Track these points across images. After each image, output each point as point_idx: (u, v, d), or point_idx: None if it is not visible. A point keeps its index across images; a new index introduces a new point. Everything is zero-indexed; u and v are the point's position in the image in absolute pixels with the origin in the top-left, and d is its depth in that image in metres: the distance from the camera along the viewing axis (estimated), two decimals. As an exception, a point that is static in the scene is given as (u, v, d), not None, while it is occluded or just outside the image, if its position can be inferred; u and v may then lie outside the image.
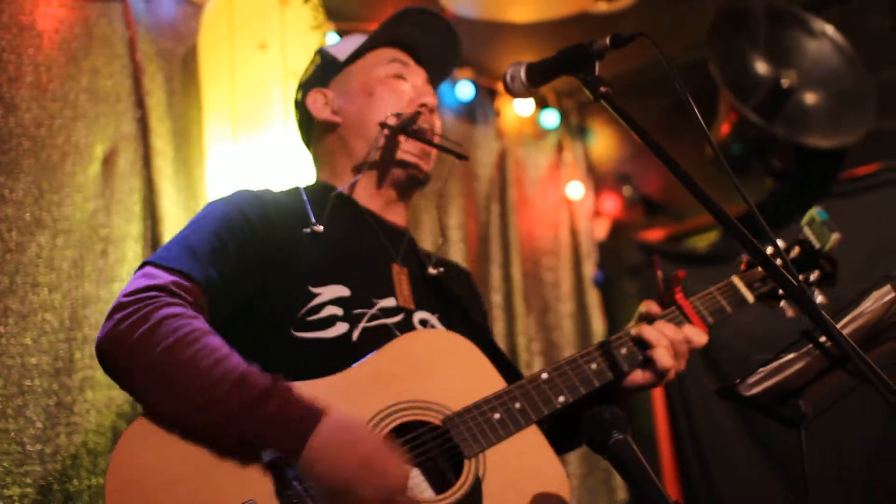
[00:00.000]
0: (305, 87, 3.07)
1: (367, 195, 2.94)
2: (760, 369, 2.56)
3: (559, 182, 6.16)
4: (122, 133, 3.87)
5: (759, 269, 3.03)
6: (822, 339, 2.43)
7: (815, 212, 3.04)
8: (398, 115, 2.87)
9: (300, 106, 3.08)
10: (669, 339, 2.72)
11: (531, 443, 2.55)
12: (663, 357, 2.69)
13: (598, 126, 6.32)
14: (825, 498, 2.97)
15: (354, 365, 2.49)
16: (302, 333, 2.59)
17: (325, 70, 3.05)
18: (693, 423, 5.46)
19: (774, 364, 2.54)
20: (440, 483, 2.42)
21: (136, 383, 2.36)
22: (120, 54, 3.93)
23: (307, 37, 3.84)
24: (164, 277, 2.47)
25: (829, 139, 4.91)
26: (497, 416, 2.51)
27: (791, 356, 2.54)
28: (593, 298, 5.98)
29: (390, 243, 2.90)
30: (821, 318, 1.94)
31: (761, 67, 5.03)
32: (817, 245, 3.01)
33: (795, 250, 3.03)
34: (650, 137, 2.20)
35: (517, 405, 2.54)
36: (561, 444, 2.91)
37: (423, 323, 2.79)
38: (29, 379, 3.40)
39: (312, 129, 3.07)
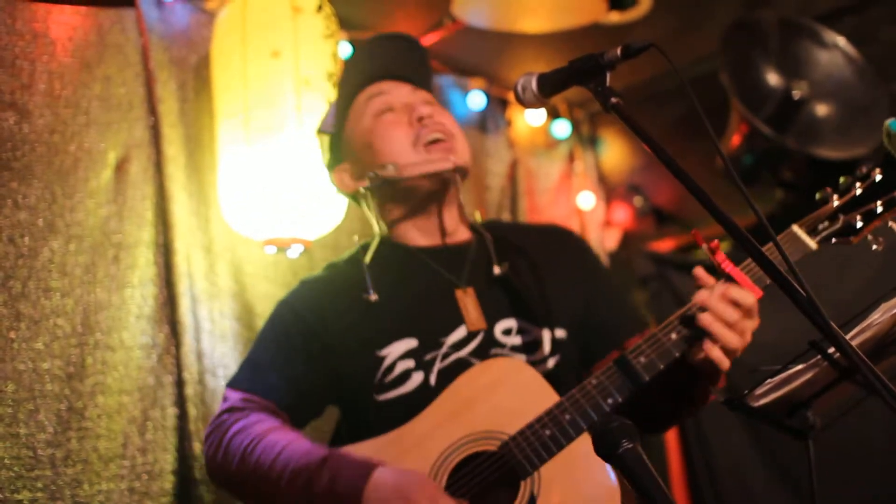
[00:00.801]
0: (329, 168, 3.13)
1: (415, 233, 2.99)
2: (768, 380, 2.55)
3: (570, 192, 6.16)
4: (134, 140, 3.88)
5: (826, 208, 2.83)
6: (831, 350, 2.43)
7: (887, 125, 2.90)
8: (370, 176, 2.92)
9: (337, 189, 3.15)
10: (711, 306, 2.51)
11: (582, 453, 2.56)
12: (710, 323, 2.51)
13: (610, 136, 6.32)
14: (833, 509, 2.97)
15: (413, 419, 2.65)
16: (384, 396, 2.74)
17: (332, 147, 3.09)
18: (702, 434, 5.45)
19: (783, 375, 2.54)
20: None
21: (239, 496, 2.79)
22: (133, 62, 3.94)
23: (320, 45, 3.85)
24: (233, 398, 2.84)
25: (840, 151, 4.90)
26: (548, 432, 2.54)
27: (799, 367, 2.54)
28: (603, 308, 5.97)
29: (450, 268, 2.92)
30: (830, 329, 1.94)
31: (773, 79, 5.03)
32: None
33: (878, 171, 2.76)
34: (661, 148, 2.20)
35: (567, 417, 2.55)
36: (663, 415, 2.88)
37: (507, 332, 2.82)
38: (41, 384, 3.41)
39: (359, 201, 3.10)
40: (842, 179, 2.77)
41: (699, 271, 2.64)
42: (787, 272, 2.07)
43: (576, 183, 6.19)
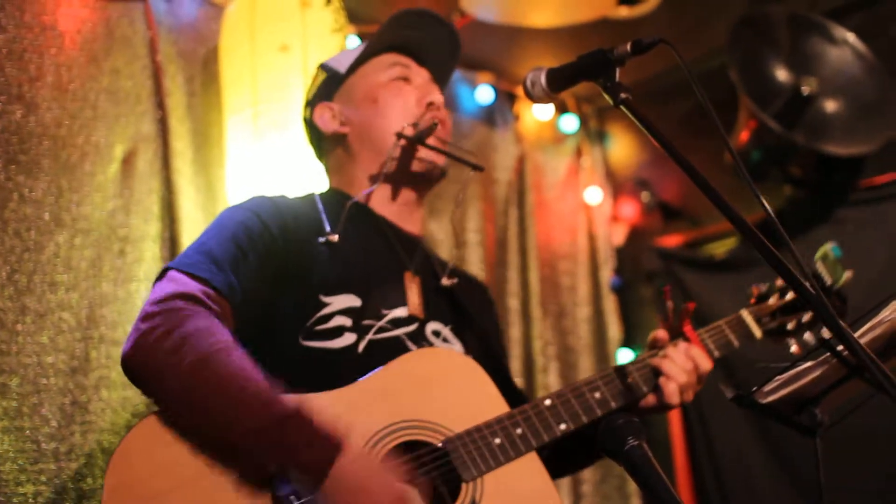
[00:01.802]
0: (311, 103, 3.09)
1: (382, 203, 2.96)
2: (777, 377, 2.55)
3: (577, 187, 6.16)
4: (141, 134, 3.87)
5: (769, 302, 3.13)
6: (840, 348, 2.43)
7: (828, 247, 3.08)
8: (414, 125, 2.88)
9: (308, 122, 3.11)
10: (683, 369, 2.80)
11: (529, 469, 2.55)
12: (673, 393, 2.78)
13: (617, 131, 6.31)
14: (841, 507, 2.97)
15: (361, 378, 2.51)
16: (310, 343, 2.62)
17: (328, 84, 3.08)
18: (708, 431, 5.45)
19: (791, 372, 2.53)
20: None
21: (162, 395, 2.36)
22: (141, 55, 3.94)
23: (328, 39, 3.85)
24: (191, 285, 2.48)
25: (849, 147, 4.89)
26: (497, 440, 2.52)
27: (808, 364, 2.53)
28: (610, 303, 5.97)
29: (405, 251, 2.92)
30: (839, 328, 1.93)
31: (782, 75, 5.02)
32: (829, 281, 3.05)
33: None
34: (669, 143, 2.20)
35: (518, 431, 2.55)
36: (576, 459, 2.93)
37: (436, 334, 2.81)
38: (45, 377, 3.41)
39: (323, 143, 3.10)
40: (780, 282, 3.14)
41: (659, 333, 2.94)
42: (798, 270, 2.06)
43: (583, 178, 6.19)
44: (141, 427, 2.32)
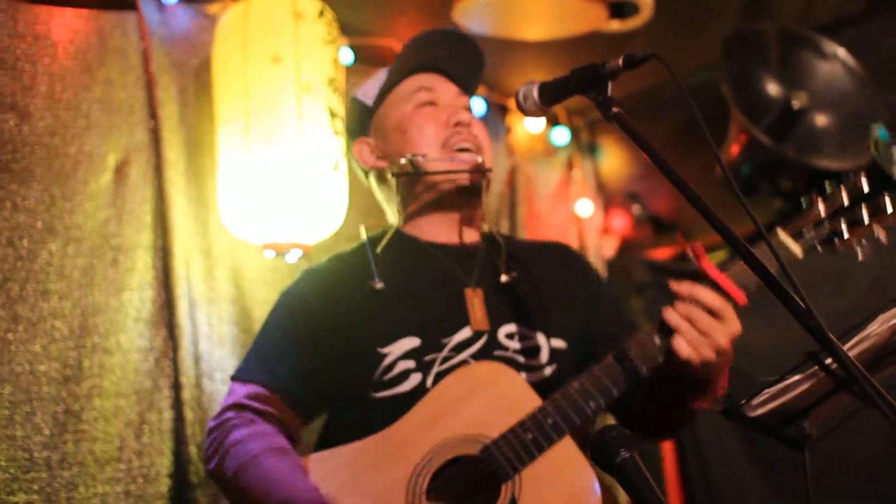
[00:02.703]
0: (349, 139, 3.15)
1: (428, 227, 2.98)
2: (766, 390, 2.56)
3: (568, 199, 6.16)
4: (134, 143, 3.87)
5: (813, 214, 2.65)
6: (828, 361, 2.44)
7: (876, 133, 2.83)
8: (400, 164, 2.91)
9: (352, 157, 3.15)
10: (685, 316, 2.48)
11: (563, 456, 2.55)
12: (680, 346, 2.46)
13: (609, 144, 6.32)
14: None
15: (396, 422, 2.62)
16: (380, 394, 2.72)
17: (361, 117, 3.08)
18: (698, 443, 5.46)
19: (780, 385, 2.55)
20: None
21: (226, 495, 2.77)
22: (134, 65, 3.94)
23: (321, 51, 3.85)
24: (238, 392, 2.81)
25: (839, 161, 4.90)
26: (530, 436, 2.52)
27: (796, 378, 2.55)
28: (600, 315, 5.97)
29: (461, 266, 2.92)
30: (827, 340, 1.94)
31: (773, 89, 5.04)
32: (891, 170, 2.60)
33: (862, 178, 2.61)
34: (660, 157, 2.21)
35: (549, 421, 2.54)
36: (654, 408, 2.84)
37: (510, 336, 2.81)
38: (37, 386, 3.41)
39: (369, 179, 3.13)
40: (828, 186, 2.64)
41: (675, 285, 2.57)
42: (784, 281, 2.07)
43: (574, 190, 6.19)
44: None
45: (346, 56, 4.45)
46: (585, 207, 6.15)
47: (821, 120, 5.01)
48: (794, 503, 4.90)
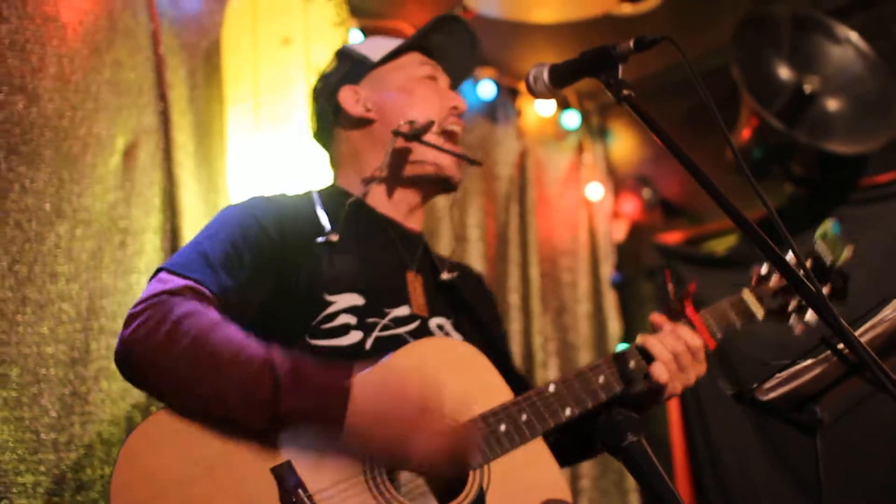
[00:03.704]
0: (336, 83, 3.06)
1: (384, 201, 2.95)
2: (777, 374, 2.55)
3: (579, 183, 6.16)
4: (143, 126, 3.87)
5: (770, 283, 3.05)
6: (840, 345, 2.43)
7: (829, 225, 2.98)
8: (410, 123, 2.87)
9: (329, 100, 3.06)
10: (671, 350, 2.70)
11: (535, 455, 2.54)
12: (661, 372, 2.68)
13: (619, 128, 6.32)
14: (839, 505, 2.97)
15: (363, 372, 2.44)
16: (316, 341, 2.61)
17: (355, 68, 3.05)
18: (707, 428, 5.45)
19: (791, 370, 2.54)
20: (445, 494, 2.41)
21: (163, 384, 2.37)
22: (143, 47, 3.93)
23: (330, 33, 3.85)
24: (177, 282, 2.50)
25: (851, 146, 4.90)
26: (503, 427, 2.50)
27: (808, 362, 2.54)
28: (610, 300, 5.98)
29: (406, 250, 2.91)
30: (839, 326, 1.93)
31: (784, 73, 5.02)
32: (830, 259, 2.95)
33: (807, 263, 2.96)
34: (671, 141, 2.19)
35: (524, 417, 2.53)
36: (576, 453, 2.92)
37: (440, 328, 2.80)
38: (45, 368, 3.41)
39: (335, 126, 3.06)
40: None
41: (655, 317, 2.83)
42: (799, 270, 2.06)
43: (584, 174, 6.19)
44: (146, 424, 2.33)
45: (356, 38, 4.44)
46: (596, 191, 6.15)
47: (832, 104, 5.00)
48: (805, 487, 4.90)
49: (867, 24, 5.07)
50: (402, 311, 2.76)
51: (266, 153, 3.73)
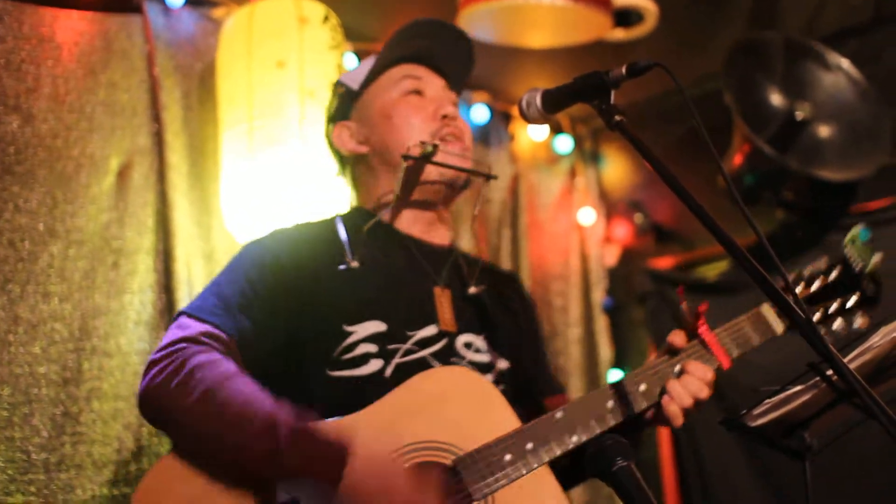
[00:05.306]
0: (329, 122, 3.09)
1: (406, 220, 2.94)
2: (766, 400, 2.55)
3: (571, 207, 6.16)
4: (137, 146, 3.88)
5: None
6: (830, 372, 2.44)
7: (856, 231, 2.92)
8: (422, 144, 2.84)
9: (329, 141, 3.09)
10: (688, 392, 2.66)
11: (540, 483, 2.52)
12: (676, 416, 2.66)
13: (612, 153, 6.32)
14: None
15: (372, 404, 2.50)
16: (337, 372, 2.63)
17: (344, 101, 3.05)
18: (697, 453, 5.45)
19: (781, 396, 2.54)
20: None
21: (178, 430, 2.52)
22: (138, 68, 3.94)
23: (325, 56, 3.85)
24: (196, 328, 2.58)
25: (842, 172, 4.91)
26: (508, 457, 2.48)
27: (798, 388, 2.54)
28: (602, 324, 5.97)
29: (432, 265, 2.90)
30: (828, 352, 1.94)
31: (776, 99, 5.04)
32: (860, 265, 2.87)
33: (837, 271, 2.88)
34: (663, 166, 2.20)
35: (529, 445, 2.51)
36: (573, 476, 2.90)
37: (468, 346, 2.78)
38: (36, 388, 3.41)
39: (344, 162, 3.08)
40: (808, 270, 2.90)
41: (674, 337, 2.73)
42: (786, 293, 2.07)
43: (577, 198, 6.19)
44: (160, 465, 2.46)
45: (350, 61, 4.45)
46: (588, 216, 6.15)
47: (824, 131, 5.01)
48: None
49: (859, 51, 5.09)
50: (429, 330, 2.75)
51: (259, 176, 3.73)
